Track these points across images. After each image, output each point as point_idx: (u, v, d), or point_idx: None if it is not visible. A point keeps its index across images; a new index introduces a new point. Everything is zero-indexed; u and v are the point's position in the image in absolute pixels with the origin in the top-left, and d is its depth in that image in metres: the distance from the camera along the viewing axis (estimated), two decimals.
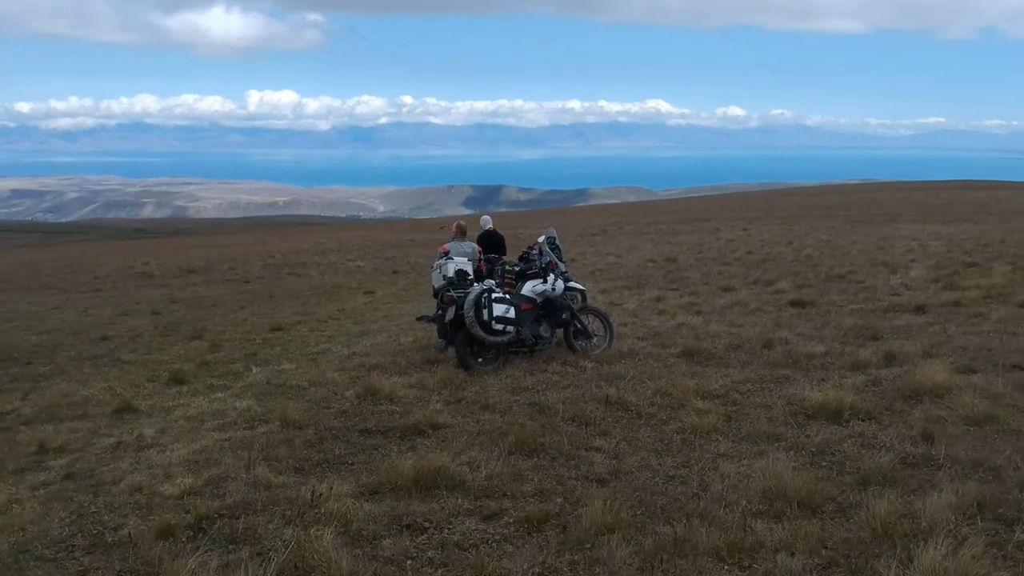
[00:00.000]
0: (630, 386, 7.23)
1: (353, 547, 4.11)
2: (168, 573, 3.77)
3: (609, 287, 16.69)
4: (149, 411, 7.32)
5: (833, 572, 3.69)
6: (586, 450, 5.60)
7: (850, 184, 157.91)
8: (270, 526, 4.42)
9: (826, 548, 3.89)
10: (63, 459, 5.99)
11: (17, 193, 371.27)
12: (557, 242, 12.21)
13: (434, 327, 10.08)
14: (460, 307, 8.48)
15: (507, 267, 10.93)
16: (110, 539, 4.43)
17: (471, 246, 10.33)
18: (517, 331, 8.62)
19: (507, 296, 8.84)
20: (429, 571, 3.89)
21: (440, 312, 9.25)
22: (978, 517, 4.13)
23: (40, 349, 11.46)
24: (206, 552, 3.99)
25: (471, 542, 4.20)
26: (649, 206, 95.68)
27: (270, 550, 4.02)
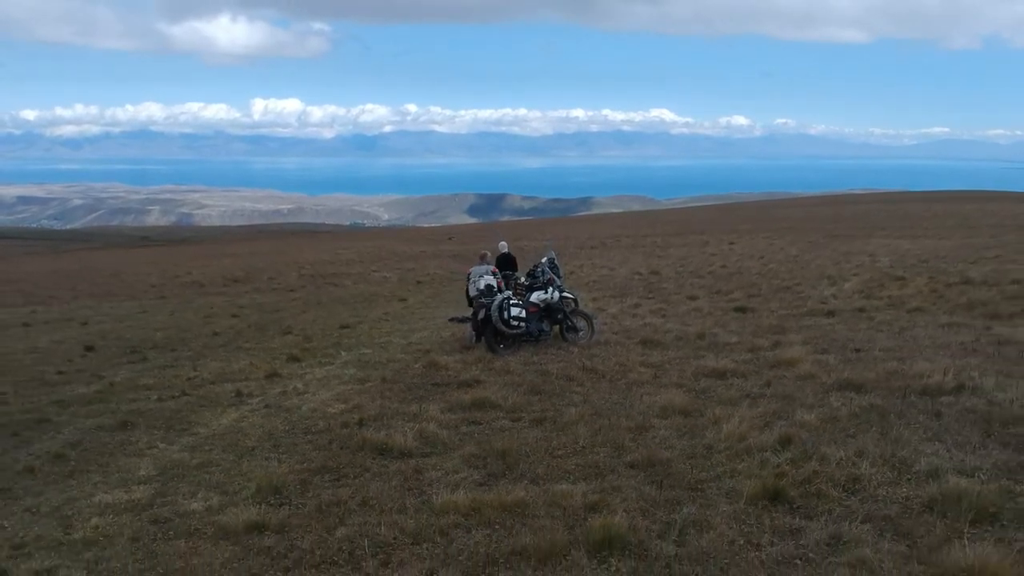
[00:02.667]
0: (600, 360, 11.15)
1: (445, 429, 8.04)
2: (362, 437, 7.68)
3: (599, 296, 20.56)
4: (289, 376, 11.26)
5: (684, 435, 7.59)
6: (569, 392, 9.52)
7: (850, 195, 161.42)
8: (399, 422, 8.34)
9: (685, 428, 7.80)
10: (255, 399, 9.93)
11: (22, 200, 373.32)
12: (556, 262, 16.07)
13: (463, 325, 13.97)
14: (488, 310, 12.41)
15: (519, 281, 14.85)
16: (311, 430, 8.35)
17: (487, 268, 14.22)
18: (527, 326, 12.54)
19: (519, 302, 12.75)
20: (485, 437, 7.80)
21: (474, 314, 13.14)
22: (766, 416, 8.02)
23: (171, 341, 15.41)
24: (371, 431, 7.90)
25: (506, 429, 8.12)
26: (649, 216, 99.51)
27: (405, 430, 7.93)
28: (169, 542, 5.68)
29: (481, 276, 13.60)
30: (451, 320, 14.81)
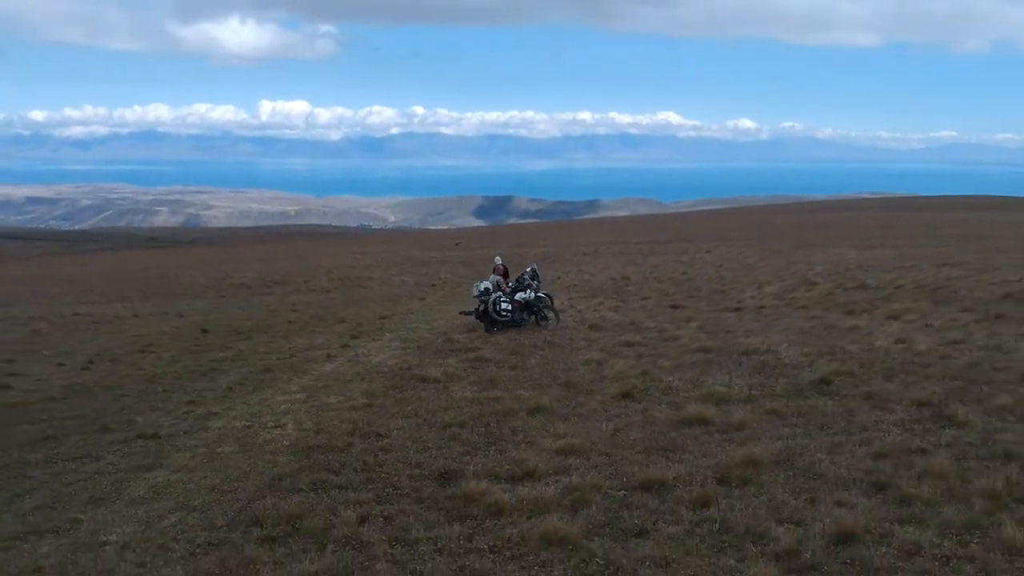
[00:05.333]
0: (558, 337, 17.13)
1: (459, 370, 14.05)
2: (412, 374, 13.67)
3: (575, 296, 26.42)
4: (356, 346, 17.23)
5: (593, 372, 13.54)
6: (534, 354, 15.51)
7: (853, 200, 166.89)
8: (432, 367, 14.34)
9: (594, 369, 13.78)
10: (340, 358, 15.89)
11: (31, 200, 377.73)
12: (537, 272, 21.92)
13: (470, 317, 19.88)
14: (486, 304, 18.36)
15: (508, 285, 20.79)
16: (381, 372, 14.33)
17: (496, 277, 20.12)
18: (512, 316, 18.49)
19: (508, 299, 18.69)
20: (482, 374, 13.79)
21: (476, 308, 19.05)
22: (641, 363, 13.96)
23: (259, 327, 21.36)
24: (416, 371, 13.89)
25: (492, 372, 14.12)
26: (648, 222, 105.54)
27: (436, 371, 13.91)
28: (325, 412, 11.68)
29: (484, 280, 19.56)
30: (460, 313, 20.72)
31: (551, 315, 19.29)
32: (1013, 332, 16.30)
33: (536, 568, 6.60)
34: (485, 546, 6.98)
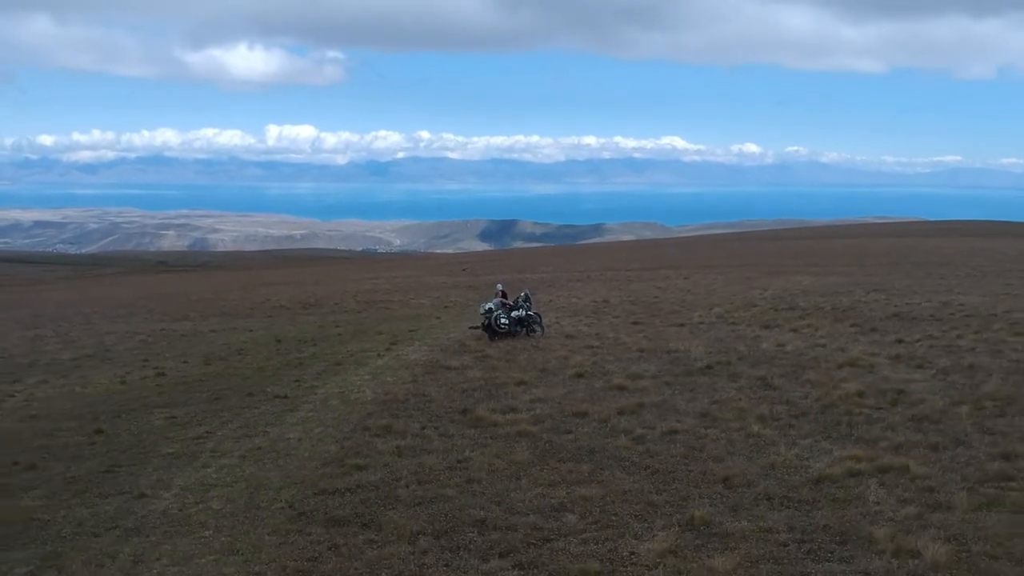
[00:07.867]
0: (542, 343, 23.85)
1: (472, 362, 20.78)
2: (439, 365, 20.43)
3: (561, 316, 32.94)
4: (396, 349, 23.94)
5: (559, 363, 20.26)
6: (523, 353, 22.23)
7: (846, 225, 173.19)
8: (452, 361, 21.06)
9: (560, 362, 20.51)
10: (387, 356, 22.63)
11: (39, 224, 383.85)
12: (530, 296, 28.56)
13: (477, 329, 26.54)
14: (489, 320, 25.08)
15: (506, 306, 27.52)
16: (417, 364, 21.07)
17: (499, 301, 26.81)
18: (509, 328, 25.19)
19: (506, 316, 25.39)
20: (487, 365, 20.52)
21: (482, 323, 25.69)
22: (593, 358, 20.67)
23: (317, 337, 28.06)
24: (441, 363, 20.65)
25: (493, 364, 20.86)
26: (641, 249, 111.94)
27: (456, 363, 20.64)
28: (387, 385, 18.39)
29: (488, 301, 26.31)
30: (470, 327, 27.39)
31: (538, 328, 25.99)
32: (869, 340, 23.02)
33: (513, 444, 13.35)
34: (487, 436, 13.77)
